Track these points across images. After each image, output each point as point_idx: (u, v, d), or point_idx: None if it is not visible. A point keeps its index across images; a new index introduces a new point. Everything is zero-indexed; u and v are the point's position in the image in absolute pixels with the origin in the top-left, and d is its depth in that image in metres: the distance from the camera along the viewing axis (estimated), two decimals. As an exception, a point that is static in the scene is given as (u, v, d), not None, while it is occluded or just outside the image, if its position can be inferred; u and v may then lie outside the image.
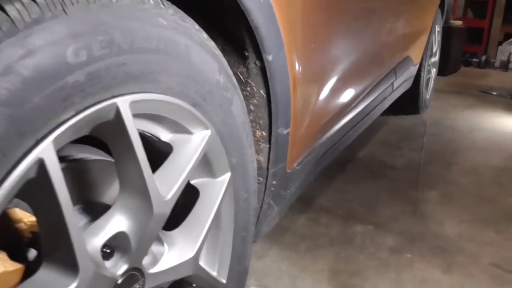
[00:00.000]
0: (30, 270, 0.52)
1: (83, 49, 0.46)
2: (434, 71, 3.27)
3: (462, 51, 4.92)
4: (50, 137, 0.45)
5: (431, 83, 3.23)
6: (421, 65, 2.78)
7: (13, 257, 0.51)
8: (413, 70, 2.58)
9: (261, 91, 0.90)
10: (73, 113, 0.47)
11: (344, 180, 2.00)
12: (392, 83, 2.11)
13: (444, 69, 4.37)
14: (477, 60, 5.18)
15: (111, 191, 0.68)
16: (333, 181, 1.98)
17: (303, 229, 1.57)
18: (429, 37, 2.82)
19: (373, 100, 1.80)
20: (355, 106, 1.60)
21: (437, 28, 3.11)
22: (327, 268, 1.35)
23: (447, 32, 4.30)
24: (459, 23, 4.76)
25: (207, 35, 0.70)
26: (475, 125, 2.89)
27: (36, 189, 0.46)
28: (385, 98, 2.05)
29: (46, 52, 0.42)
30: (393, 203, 1.80)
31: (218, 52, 0.71)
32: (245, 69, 0.88)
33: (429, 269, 1.37)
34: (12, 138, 0.40)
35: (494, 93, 3.80)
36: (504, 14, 5.14)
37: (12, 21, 0.40)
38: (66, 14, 0.44)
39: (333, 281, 1.30)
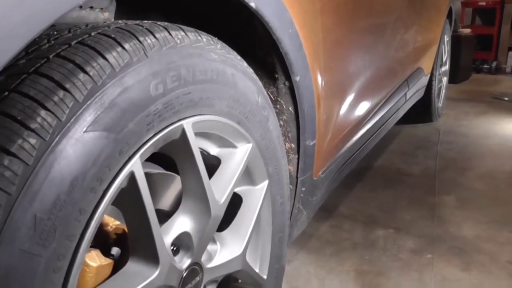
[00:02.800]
0: (116, 265, 0.63)
1: (160, 84, 0.58)
2: (445, 79, 3.35)
3: (472, 58, 4.97)
4: (138, 154, 0.56)
5: (443, 91, 3.31)
6: (432, 74, 2.87)
7: (103, 254, 0.63)
8: (424, 80, 2.67)
9: (290, 108, 1.02)
10: (152, 134, 0.59)
11: (363, 189, 2.09)
12: (405, 94, 2.21)
13: (455, 77, 4.43)
14: (488, 66, 5.24)
15: (168, 199, 0.80)
16: (353, 190, 2.07)
17: (327, 235, 1.67)
18: (438, 48, 2.91)
19: (388, 111, 1.90)
20: (372, 117, 1.71)
21: (446, 38, 3.20)
22: (353, 269, 1.45)
23: (457, 41, 4.38)
24: (467, 31, 4.84)
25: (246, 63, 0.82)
26: (488, 132, 2.95)
27: (127, 196, 0.57)
28: (399, 109, 2.15)
29: (136, 88, 0.54)
30: (412, 208, 1.88)
31: (255, 76, 0.83)
32: (275, 89, 1.00)
33: (449, 268, 1.45)
34: (115, 156, 0.52)
35: (506, 98, 3.85)
36: (512, 20, 5.21)
37: (112, 66, 0.52)
38: (147, 57, 0.57)
39: (360, 281, 1.39)
